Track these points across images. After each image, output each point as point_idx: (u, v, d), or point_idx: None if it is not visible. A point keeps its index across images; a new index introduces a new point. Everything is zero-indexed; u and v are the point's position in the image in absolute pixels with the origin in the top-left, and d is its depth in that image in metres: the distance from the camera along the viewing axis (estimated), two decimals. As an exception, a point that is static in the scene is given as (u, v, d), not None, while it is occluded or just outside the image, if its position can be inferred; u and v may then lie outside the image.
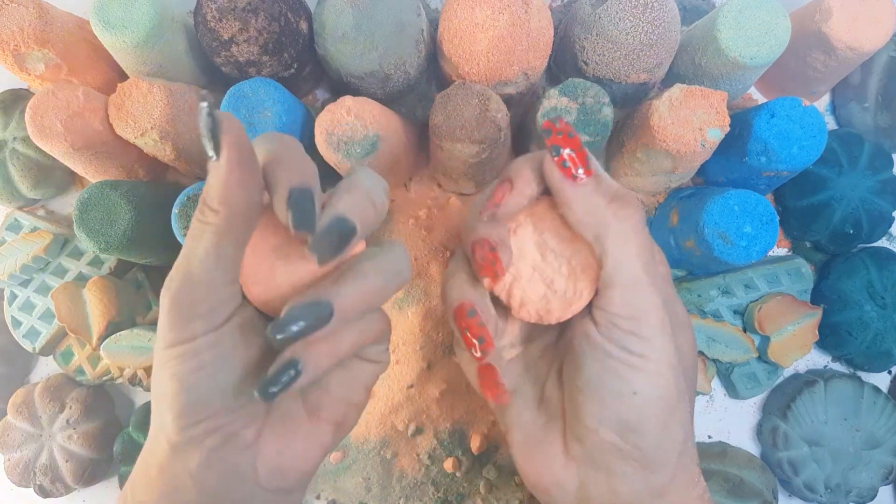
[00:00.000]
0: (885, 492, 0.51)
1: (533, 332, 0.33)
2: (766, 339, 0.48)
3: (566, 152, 0.27)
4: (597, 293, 0.28)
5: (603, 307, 0.28)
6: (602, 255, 0.27)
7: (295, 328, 0.25)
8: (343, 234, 0.26)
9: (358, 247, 0.28)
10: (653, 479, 0.28)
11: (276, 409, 0.29)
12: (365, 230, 0.27)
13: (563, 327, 0.31)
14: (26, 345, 0.51)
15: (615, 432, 0.27)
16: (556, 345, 0.32)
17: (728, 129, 0.42)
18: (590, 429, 0.28)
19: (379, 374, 0.31)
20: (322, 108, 0.43)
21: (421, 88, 0.52)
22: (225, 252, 0.26)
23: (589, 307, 0.29)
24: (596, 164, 0.28)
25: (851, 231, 0.49)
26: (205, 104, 0.24)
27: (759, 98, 0.54)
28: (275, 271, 0.28)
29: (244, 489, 0.28)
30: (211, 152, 0.24)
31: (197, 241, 0.26)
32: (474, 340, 0.28)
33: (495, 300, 0.30)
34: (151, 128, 0.43)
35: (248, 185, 0.25)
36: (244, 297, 0.28)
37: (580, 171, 0.27)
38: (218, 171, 0.24)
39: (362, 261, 0.27)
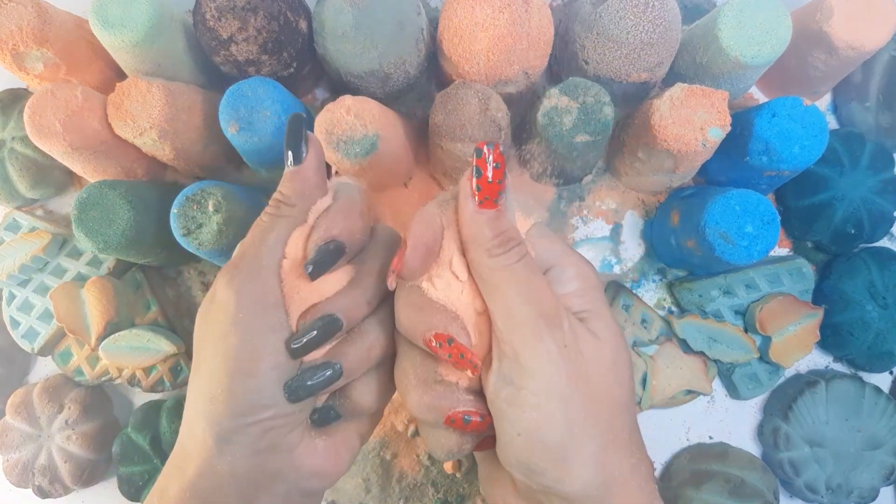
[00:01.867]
0: (886, 492, 0.51)
1: None
2: (767, 340, 0.48)
3: (489, 177, 0.28)
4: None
5: (494, 340, 0.29)
6: (481, 284, 0.29)
7: (307, 338, 0.29)
8: (331, 254, 0.29)
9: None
10: None
11: (305, 424, 0.31)
12: (351, 243, 0.30)
13: None
14: (25, 345, 0.51)
15: (521, 473, 0.28)
16: None
17: (729, 128, 0.42)
18: (509, 471, 0.29)
19: (381, 400, 0.33)
20: (322, 107, 0.43)
21: (421, 87, 0.52)
22: (296, 244, 0.29)
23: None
24: (506, 201, 0.29)
25: (853, 231, 0.48)
26: (299, 117, 0.30)
27: (760, 97, 0.54)
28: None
29: (282, 490, 0.30)
30: (291, 161, 0.30)
31: (268, 232, 0.29)
32: (465, 365, 0.28)
33: None
34: (150, 127, 0.43)
35: (321, 190, 0.31)
36: None
37: (488, 198, 0.28)
38: (301, 172, 0.30)
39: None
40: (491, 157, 0.28)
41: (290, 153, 0.30)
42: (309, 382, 0.29)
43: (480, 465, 0.34)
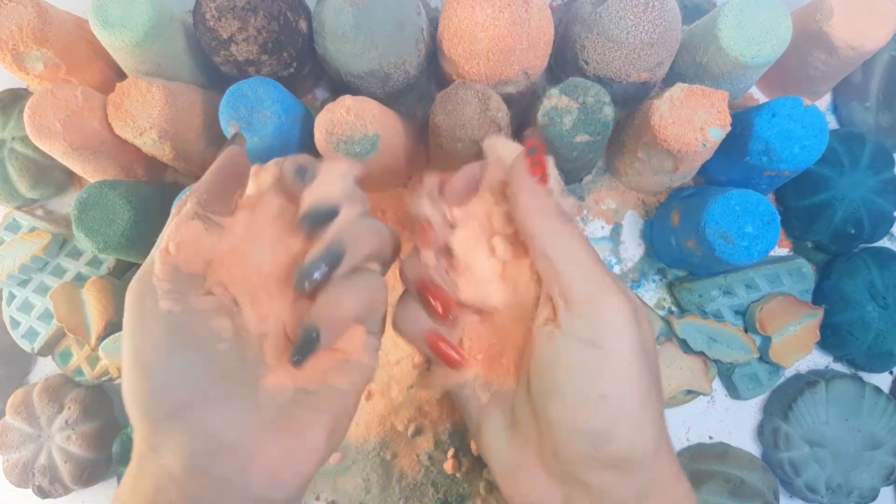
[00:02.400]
0: (886, 492, 0.51)
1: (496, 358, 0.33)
2: (767, 340, 0.48)
3: (542, 154, 0.30)
4: (549, 296, 0.29)
5: (562, 301, 0.28)
6: (549, 250, 0.28)
7: (317, 273, 0.28)
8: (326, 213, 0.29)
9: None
10: (635, 482, 0.27)
11: (266, 411, 0.27)
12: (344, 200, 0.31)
13: (527, 342, 0.31)
14: (25, 345, 0.51)
15: (588, 443, 0.26)
16: (520, 363, 0.31)
17: (729, 128, 0.42)
18: (564, 443, 0.27)
19: (368, 379, 0.31)
20: (322, 107, 0.43)
21: (421, 87, 0.52)
22: (173, 231, 0.28)
23: (547, 313, 0.29)
24: (555, 180, 0.31)
25: (853, 231, 0.48)
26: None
27: (760, 97, 0.54)
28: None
29: (232, 497, 0.26)
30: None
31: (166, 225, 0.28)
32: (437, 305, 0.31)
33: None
34: (150, 127, 0.43)
35: (217, 184, 0.30)
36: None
37: (542, 175, 0.30)
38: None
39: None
40: (534, 143, 0.30)
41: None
42: (316, 273, 0.28)
43: (495, 462, 0.31)
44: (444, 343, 0.31)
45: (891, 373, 0.53)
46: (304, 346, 0.27)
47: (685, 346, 0.49)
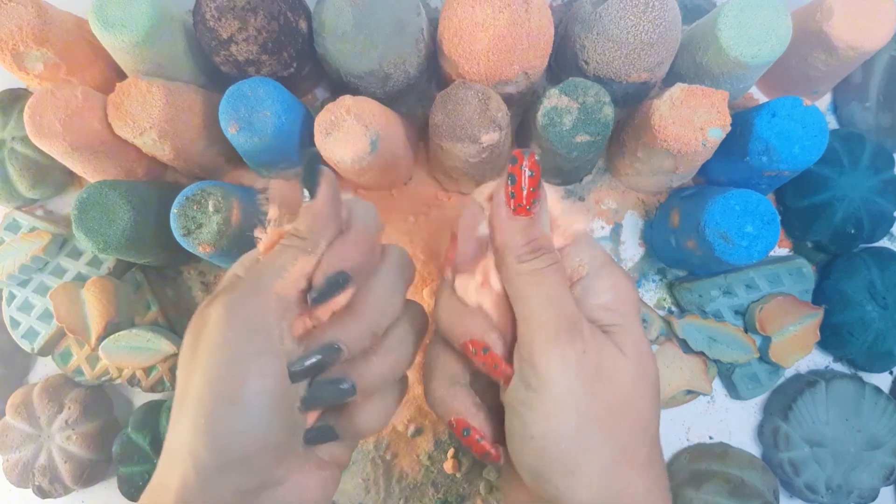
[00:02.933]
0: (886, 492, 0.51)
1: None
2: (767, 340, 0.48)
3: (523, 185, 0.29)
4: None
5: (518, 340, 0.29)
6: (508, 287, 0.29)
7: (308, 363, 0.28)
8: (337, 285, 0.29)
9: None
10: None
11: (295, 454, 0.29)
12: (359, 272, 0.29)
13: None
14: (25, 345, 0.51)
15: (530, 478, 0.28)
16: None
17: (729, 128, 0.42)
18: (520, 472, 0.28)
19: (382, 424, 0.32)
20: (322, 107, 0.43)
21: (421, 88, 0.52)
22: (300, 272, 0.28)
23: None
24: (540, 210, 0.29)
25: (853, 231, 0.48)
26: (314, 154, 0.31)
27: (760, 97, 0.54)
28: None
29: None
30: (307, 196, 0.30)
31: (274, 258, 0.28)
32: (498, 374, 0.29)
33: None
34: (150, 127, 0.43)
35: (335, 223, 0.30)
36: None
37: (521, 205, 0.29)
38: (313, 207, 0.29)
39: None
40: (526, 165, 0.28)
41: (305, 189, 0.30)
42: (323, 396, 0.28)
43: (504, 465, 0.32)
44: (478, 434, 0.30)
45: (891, 373, 0.53)
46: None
47: (685, 346, 0.49)
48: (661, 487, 0.29)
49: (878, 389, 0.50)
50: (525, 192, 0.29)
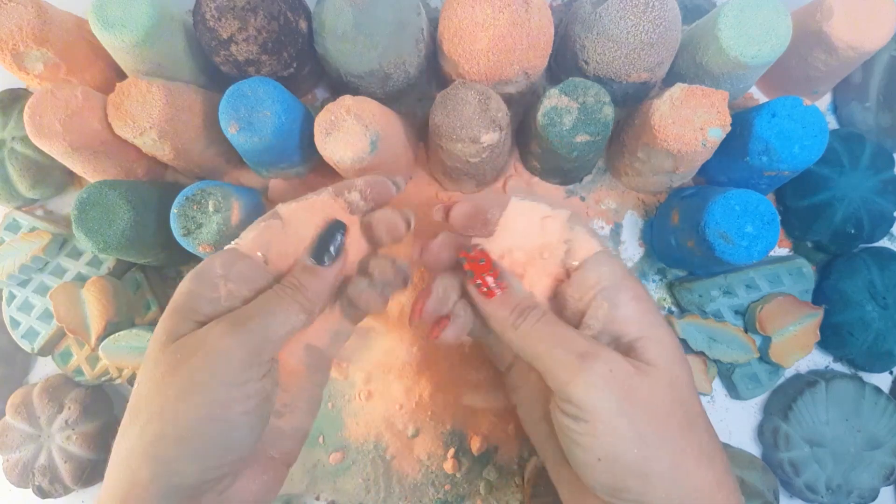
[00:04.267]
0: (886, 492, 0.51)
1: None
2: (767, 340, 0.48)
3: (480, 275, 0.34)
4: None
5: (550, 387, 0.32)
6: (520, 353, 0.33)
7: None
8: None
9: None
10: None
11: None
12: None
13: None
14: (25, 345, 0.51)
15: (608, 495, 0.30)
16: None
17: (729, 128, 0.42)
18: (597, 497, 0.31)
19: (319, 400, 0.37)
20: (322, 107, 0.43)
21: (421, 87, 0.52)
22: (295, 327, 0.33)
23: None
24: (508, 281, 0.34)
25: (853, 231, 0.48)
26: (341, 230, 0.35)
27: (760, 97, 0.54)
28: None
29: None
30: (312, 261, 0.34)
31: (279, 306, 0.32)
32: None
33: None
34: (150, 127, 0.43)
35: (333, 294, 0.36)
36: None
37: (492, 287, 0.34)
38: (325, 275, 0.34)
39: None
40: (473, 260, 0.34)
41: (314, 255, 0.34)
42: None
43: (562, 491, 0.35)
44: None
45: (891, 373, 0.53)
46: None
47: (685, 347, 0.49)
48: (730, 479, 0.31)
49: (878, 389, 0.50)
50: (486, 279, 0.33)
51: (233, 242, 0.35)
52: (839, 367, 0.53)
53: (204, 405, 0.29)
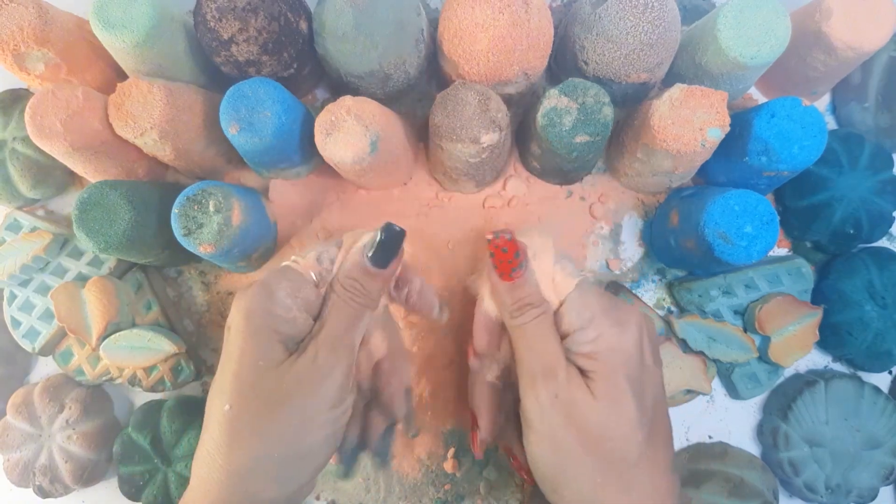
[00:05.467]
0: (885, 492, 0.51)
1: None
2: (766, 340, 0.48)
3: (500, 259, 0.35)
4: None
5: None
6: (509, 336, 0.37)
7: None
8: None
9: None
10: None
11: None
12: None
13: None
14: (26, 345, 0.51)
15: (540, 484, 0.35)
16: None
17: (728, 128, 0.42)
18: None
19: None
20: (322, 107, 0.43)
21: (421, 88, 0.52)
22: (360, 334, 0.36)
23: None
24: (524, 274, 0.35)
25: (852, 231, 0.49)
26: (402, 237, 0.36)
27: (759, 98, 0.54)
28: None
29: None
30: (370, 263, 0.35)
31: (357, 320, 0.35)
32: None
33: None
34: (151, 127, 0.43)
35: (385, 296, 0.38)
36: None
37: (503, 274, 0.35)
38: (383, 276, 0.36)
39: None
40: (499, 244, 0.35)
41: (377, 258, 0.35)
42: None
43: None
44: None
45: (890, 372, 0.53)
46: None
47: (684, 346, 0.49)
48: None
49: (877, 389, 0.50)
50: (503, 265, 0.35)
51: (293, 261, 0.37)
52: (838, 366, 0.53)
53: (315, 429, 0.33)
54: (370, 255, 0.35)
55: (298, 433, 0.32)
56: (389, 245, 0.35)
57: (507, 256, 0.35)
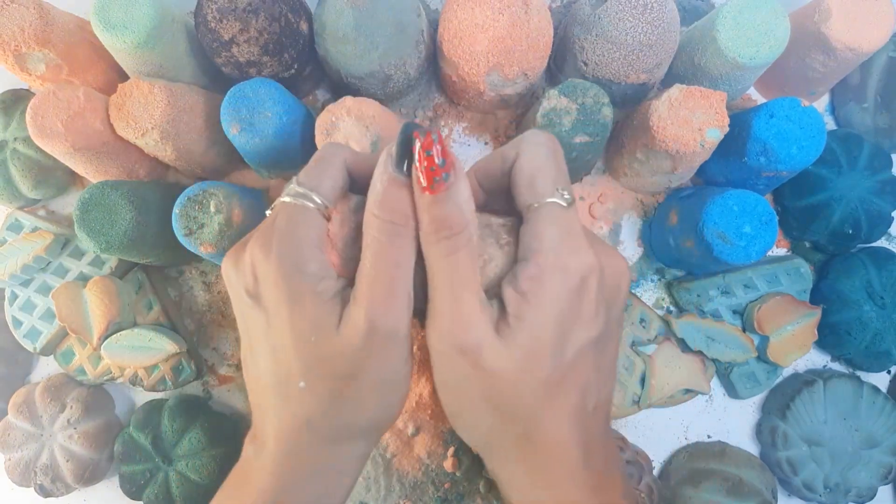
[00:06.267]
0: (884, 491, 0.51)
1: None
2: (765, 339, 0.48)
3: (422, 164, 0.27)
4: None
5: None
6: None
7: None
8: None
9: None
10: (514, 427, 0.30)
11: None
12: None
13: None
14: (27, 345, 0.51)
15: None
16: None
17: (727, 129, 0.42)
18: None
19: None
20: (322, 108, 0.43)
21: (421, 88, 0.52)
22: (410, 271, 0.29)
23: None
24: (450, 189, 0.27)
25: (850, 231, 0.49)
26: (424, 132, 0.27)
27: (758, 98, 0.54)
28: None
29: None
30: (395, 169, 0.27)
31: (409, 256, 0.29)
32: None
33: None
34: (152, 128, 0.43)
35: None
36: None
37: (422, 185, 0.27)
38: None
39: None
40: (420, 146, 0.26)
41: (400, 165, 0.27)
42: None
43: None
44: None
45: (888, 372, 0.53)
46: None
47: (683, 346, 0.49)
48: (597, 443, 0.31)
49: (875, 388, 0.50)
50: (423, 172, 0.27)
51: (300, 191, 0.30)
52: (837, 366, 0.53)
53: (394, 385, 0.31)
54: (390, 157, 0.28)
55: (379, 393, 0.30)
56: (407, 143, 0.27)
57: (429, 161, 0.26)
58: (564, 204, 0.29)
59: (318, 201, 0.30)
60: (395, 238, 0.28)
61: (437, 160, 0.26)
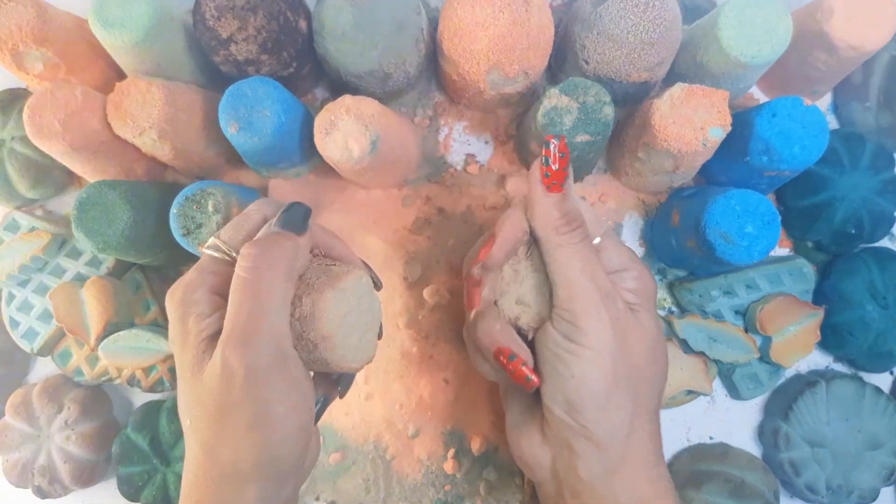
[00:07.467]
0: (886, 493, 0.51)
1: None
2: (767, 340, 0.48)
3: (553, 166, 0.33)
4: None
5: (554, 304, 0.34)
6: (547, 258, 0.35)
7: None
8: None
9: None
10: (604, 456, 0.33)
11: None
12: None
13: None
14: (24, 345, 0.51)
15: (563, 410, 0.33)
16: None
17: (729, 128, 0.42)
18: (548, 408, 0.34)
19: None
20: (321, 107, 0.43)
21: (421, 87, 0.52)
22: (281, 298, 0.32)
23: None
24: (569, 187, 0.34)
25: (853, 231, 0.48)
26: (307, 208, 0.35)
27: (760, 97, 0.54)
28: None
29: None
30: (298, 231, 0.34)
31: (247, 290, 0.31)
32: (522, 379, 0.34)
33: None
34: (150, 127, 0.43)
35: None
36: None
37: (555, 183, 0.34)
38: (300, 241, 0.33)
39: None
40: (556, 148, 0.33)
41: (285, 224, 0.33)
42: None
43: (508, 416, 0.38)
44: (522, 361, 0.35)
45: (891, 373, 0.53)
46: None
47: (685, 346, 0.49)
48: (659, 437, 0.35)
49: (878, 389, 0.49)
50: (557, 172, 0.33)
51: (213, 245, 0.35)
52: (839, 367, 0.53)
53: (281, 423, 0.31)
54: (275, 221, 0.34)
55: (257, 431, 0.30)
56: (294, 211, 0.34)
57: (562, 163, 0.33)
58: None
59: (227, 252, 0.33)
60: (254, 272, 0.31)
61: (567, 162, 0.33)
